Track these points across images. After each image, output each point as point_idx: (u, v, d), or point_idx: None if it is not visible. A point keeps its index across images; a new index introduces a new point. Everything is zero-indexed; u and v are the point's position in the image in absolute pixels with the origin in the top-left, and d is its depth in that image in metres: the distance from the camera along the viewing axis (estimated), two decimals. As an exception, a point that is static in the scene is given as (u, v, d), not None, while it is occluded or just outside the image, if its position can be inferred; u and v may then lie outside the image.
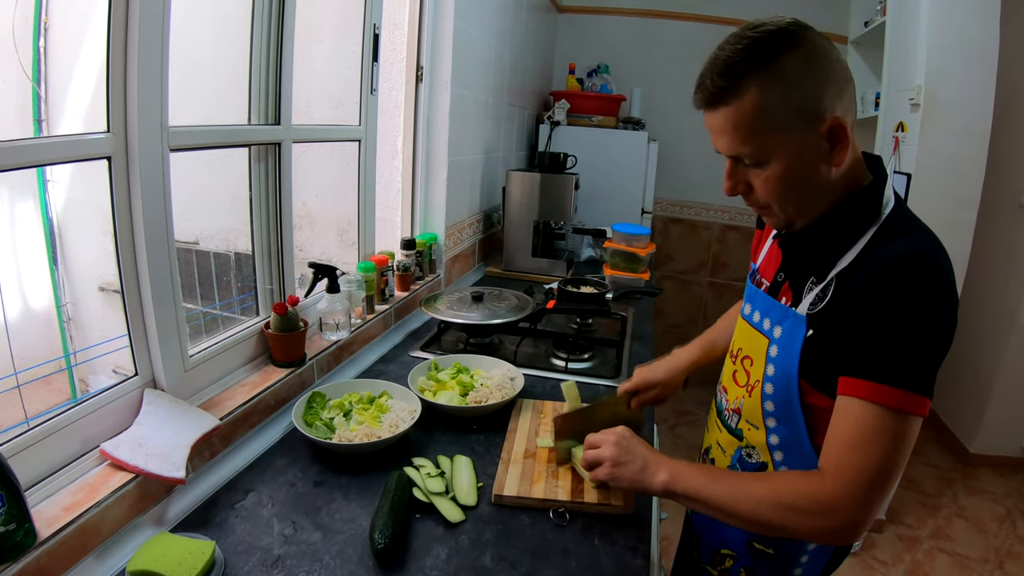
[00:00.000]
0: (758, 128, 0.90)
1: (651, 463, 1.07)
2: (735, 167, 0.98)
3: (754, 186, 0.98)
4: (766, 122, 0.90)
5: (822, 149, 0.92)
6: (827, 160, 0.93)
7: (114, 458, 1.03)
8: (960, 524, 3.11)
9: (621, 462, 1.09)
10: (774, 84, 0.88)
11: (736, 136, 0.92)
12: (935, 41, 2.71)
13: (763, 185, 0.96)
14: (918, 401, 0.86)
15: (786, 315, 1.03)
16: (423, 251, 2.26)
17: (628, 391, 1.44)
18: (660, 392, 1.44)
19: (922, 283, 0.86)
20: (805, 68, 0.88)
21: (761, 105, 0.89)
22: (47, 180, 1.65)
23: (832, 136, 0.91)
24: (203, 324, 1.85)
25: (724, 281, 4.65)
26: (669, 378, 1.44)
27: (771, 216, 1.03)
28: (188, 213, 1.94)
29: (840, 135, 0.91)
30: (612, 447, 1.12)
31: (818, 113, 0.89)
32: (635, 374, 1.46)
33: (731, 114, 0.91)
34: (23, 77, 1.55)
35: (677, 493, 1.04)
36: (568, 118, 3.63)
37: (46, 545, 0.88)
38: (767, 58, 0.87)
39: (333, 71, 1.99)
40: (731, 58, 0.89)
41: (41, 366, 1.63)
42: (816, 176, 0.94)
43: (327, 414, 1.37)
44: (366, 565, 1.00)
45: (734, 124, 0.91)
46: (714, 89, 0.91)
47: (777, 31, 0.88)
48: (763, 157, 0.93)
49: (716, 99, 0.92)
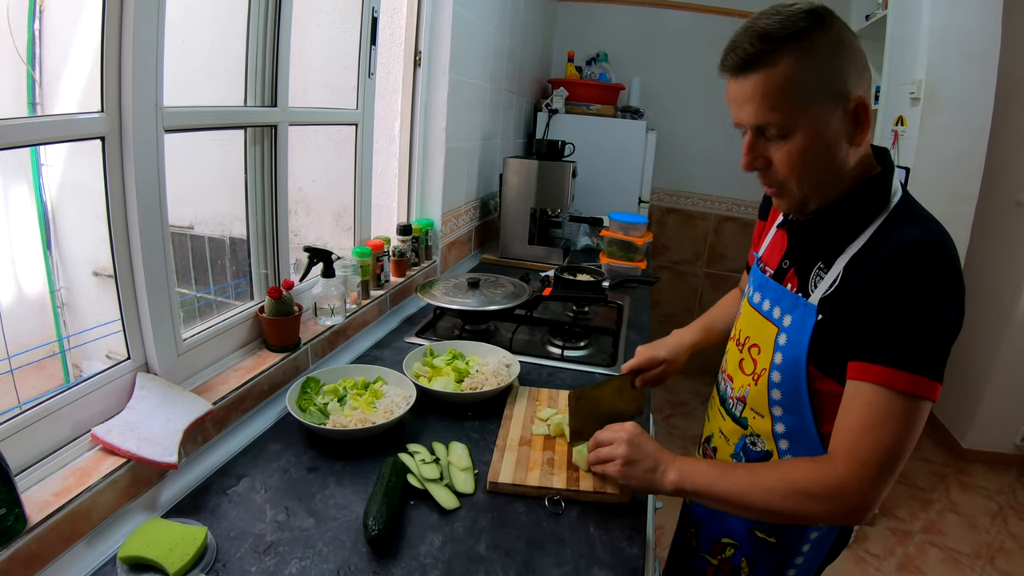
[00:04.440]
0: (788, 97, 0.91)
1: (661, 462, 1.07)
2: (756, 140, 0.97)
3: (774, 161, 0.97)
4: (796, 92, 0.90)
5: (846, 127, 0.93)
6: (849, 139, 0.94)
7: (106, 443, 1.02)
8: (952, 519, 3.13)
9: (632, 461, 1.08)
10: (807, 56, 0.89)
11: (764, 104, 0.92)
12: (936, 35, 2.70)
13: (784, 159, 0.95)
14: (929, 385, 0.87)
15: (796, 303, 1.03)
16: (419, 237, 2.25)
17: (632, 369, 1.43)
18: (664, 370, 1.43)
19: (934, 269, 0.87)
20: (835, 48, 0.90)
21: (793, 75, 0.90)
22: (41, 164, 1.63)
23: (856, 116, 0.93)
24: (197, 309, 1.84)
25: (720, 272, 4.65)
26: (673, 356, 1.43)
27: (785, 196, 1.02)
28: (183, 198, 1.93)
29: (863, 115, 0.93)
30: (624, 445, 1.10)
31: (844, 92, 0.91)
32: (638, 353, 1.45)
33: (762, 80, 0.91)
34: (18, 60, 1.53)
35: (687, 491, 1.04)
36: (566, 106, 3.62)
37: (37, 530, 0.87)
38: (802, 32, 0.89)
39: (330, 55, 1.97)
40: (769, 26, 0.90)
41: (34, 350, 1.62)
42: (836, 154, 0.95)
43: (321, 399, 1.36)
44: (359, 552, 0.99)
45: (764, 91, 0.91)
46: (749, 54, 0.91)
47: (811, 10, 0.91)
48: (789, 128, 0.93)
49: (750, 64, 0.91)
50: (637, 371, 1.43)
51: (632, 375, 1.43)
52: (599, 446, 1.15)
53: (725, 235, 4.58)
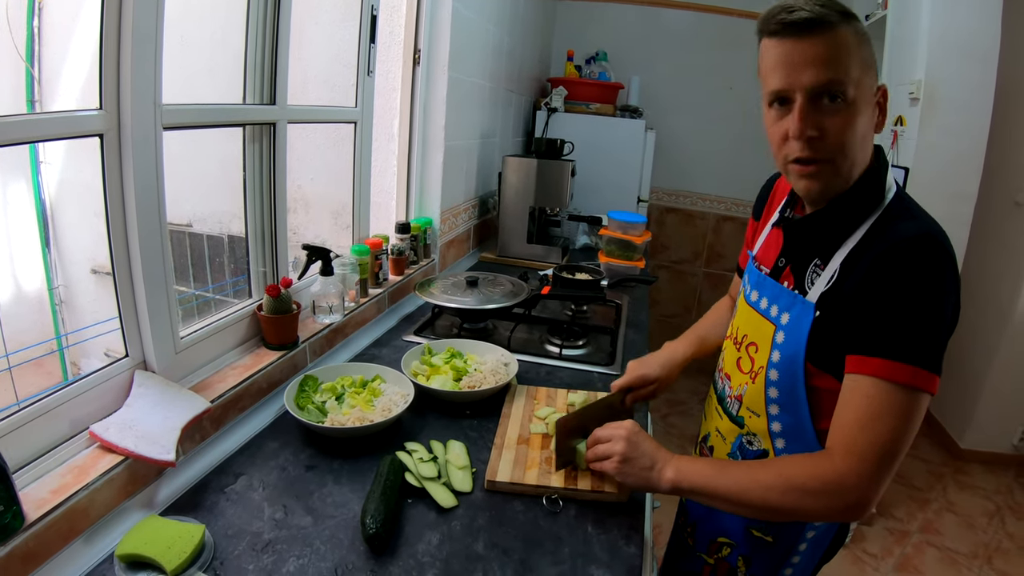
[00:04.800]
0: (852, 62, 0.91)
1: (658, 460, 1.07)
2: (812, 107, 0.92)
3: (828, 129, 0.93)
4: (858, 59, 0.92)
5: (875, 111, 0.97)
6: (874, 123, 0.98)
7: (103, 440, 1.02)
8: (950, 519, 3.13)
9: (630, 458, 1.08)
10: (857, 35, 0.92)
11: (832, 63, 0.90)
12: (936, 36, 2.71)
13: (842, 126, 0.92)
14: (928, 378, 0.87)
15: (794, 301, 1.03)
16: (418, 235, 2.25)
17: (622, 388, 1.39)
18: (656, 388, 1.41)
19: (931, 263, 0.87)
20: (868, 37, 0.94)
21: (853, 44, 0.91)
22: (40, 162, 1.63)
23: (880, 103, 0.97)
24: (195, 307, 1.84)
25: (719, 272, 4.65)
26: (665, 373, 1.40)
27: (822, 175, 0.97)
28: (182, 196, 1.93)
29: (883, 103, 0.97)
30: (622, 443, 1.10)
31: (876, 76, 0.96)
32: (628, 369, 1.42)
33: (829, 41, 0.90)
34: (17, 58, 1.53)
35: (684, 490, 1.04)
36: (565, 105, 3.61)
37: (34, 528, 0.87)
38: (849, 13, 0.92)
39: (330, 53, 1.97)
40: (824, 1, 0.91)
41: (33, 348, 1.61)
42: (870, 134, 0.98)
43: (319, 397, 1.36)
44: (357, 550, 0.99)
45: (831, 51, 0.90)
46: (817, 14, 0.89)
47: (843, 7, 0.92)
48: (852, 93, 0.92)
49: (817, 24, 0.90)
50: (627, 389, 1.40)
51: (622, 393, 1.39)
52: (597, 443, 1.15)
53: (724, 235, 4.58)
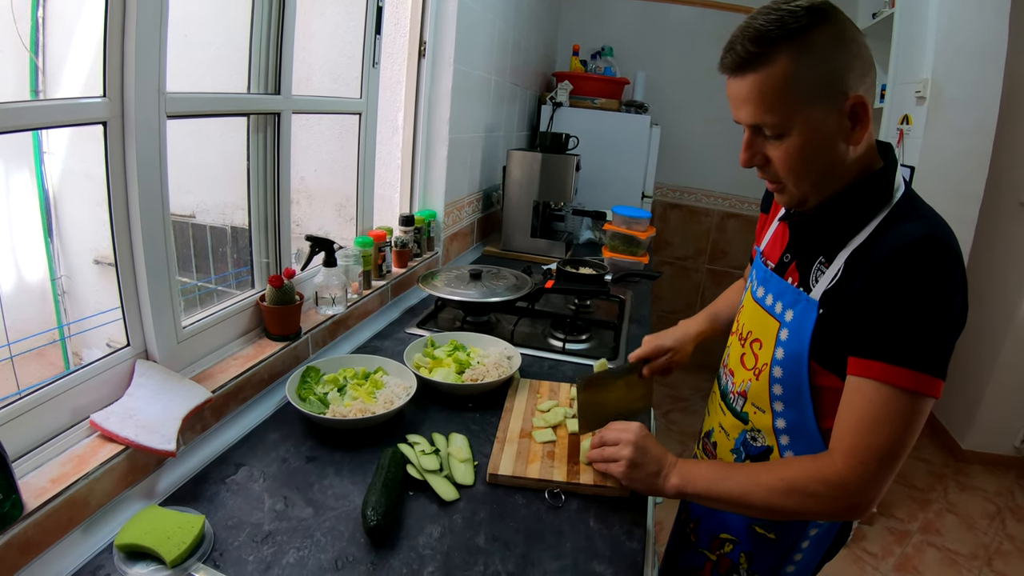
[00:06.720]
0: (784, 98, 0.90)
1: (665, 467, 1.08)
2: (754, 138, 0.97)
3: (772, 159, 0.97)
4: (792, 93, 0.90)
5: (843, 126, 0.92)
6: (846, 138, 0.93)
7: (104, 429, 1.02)
8: (950, 520, 3.13)
9: (637, 464, 1.09)
10: (804, 56, 0.88)
11: (761, 104, 0.92)
12: (943, 35, 2.69)
13: (781, 158, 0.95)
14: (931, 382, 0.86)
15: (798, 298, 1.02)
16: (421, 228, 2.24)
17: (640, 358, 1.42)
18: (671, 359, 1.43)
19: (937, 265, 0.86)
20: (834, 45, 0.89)
21: (790, 75, 0.89)
22: (43, 151, 1.62)
23: (854, 114, 0.92)
24: (198, 297, 1.83)
25: (722, 268, 4.64)
26: (679, 345, 1.44)
27: (784, 193, 1.02)
28: (185, 187, 1.92)
29: (861, 114, 0.91)
30: (630, 447, 1.10)
31: (843, 90, 0.90)
32: (645, 342, 1.45)
33: (758, 81, 0.90)
34: (21, 48, 1.52)
35: (689, 495, 1.05)
36: (570, 100, 3.60)
37: (33, 517, 0.86)
38: (800, 31, 0.88)
39: (335, 44, 1.96)
40: (765, 26, 0.89)
41: (35, 337, 1.61)
42: (834, 153, 0.94)
43: (321, 389, 1.36)
44: (357, 542, 0.99)
45: (760, 92, 0.91)
46: (745, 54, 0.90)
47: (811, 7, 0.89)
48: (785, 128, 0.92)
49: (746, 64, 0.91)
50: (644, 360, 1.43)
51: (640, 364, 1.43)
52: (604, 445, 1.15)
53: (728, 232, 4.57)
